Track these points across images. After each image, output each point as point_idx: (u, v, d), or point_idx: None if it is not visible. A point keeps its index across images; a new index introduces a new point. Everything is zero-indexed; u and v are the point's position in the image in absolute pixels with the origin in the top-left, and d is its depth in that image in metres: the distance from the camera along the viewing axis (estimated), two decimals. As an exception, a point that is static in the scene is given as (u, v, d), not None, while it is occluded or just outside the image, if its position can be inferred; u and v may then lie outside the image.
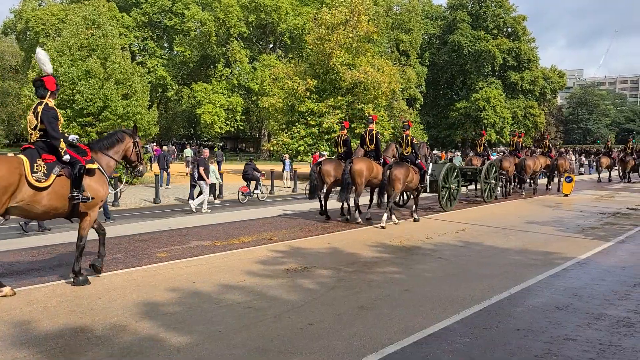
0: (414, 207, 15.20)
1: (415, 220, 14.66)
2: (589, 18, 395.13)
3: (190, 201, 17.38)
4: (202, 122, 49.89)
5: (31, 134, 7.55)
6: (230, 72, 52.87)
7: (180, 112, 62.55)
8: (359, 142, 15.87)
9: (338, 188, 14.53)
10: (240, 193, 20.24)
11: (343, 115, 29.27)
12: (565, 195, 22.01)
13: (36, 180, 6.97)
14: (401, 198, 17.78)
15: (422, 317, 6.46)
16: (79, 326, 6.03)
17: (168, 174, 25.24)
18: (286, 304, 6.92)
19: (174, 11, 54.92)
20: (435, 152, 24.54)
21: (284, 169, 27.69)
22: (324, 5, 36.28)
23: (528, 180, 23.42)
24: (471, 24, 68.47)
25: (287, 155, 28.26)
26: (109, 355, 5.25)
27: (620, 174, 31.47)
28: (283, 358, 5.25)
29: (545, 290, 7.76)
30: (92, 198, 7.62)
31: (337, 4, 31.00)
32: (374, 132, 14.72)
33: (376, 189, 14.55)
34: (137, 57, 53.38)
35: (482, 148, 22.19)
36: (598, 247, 11.03)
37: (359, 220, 14.13)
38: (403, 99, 54.28)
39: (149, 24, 56.82)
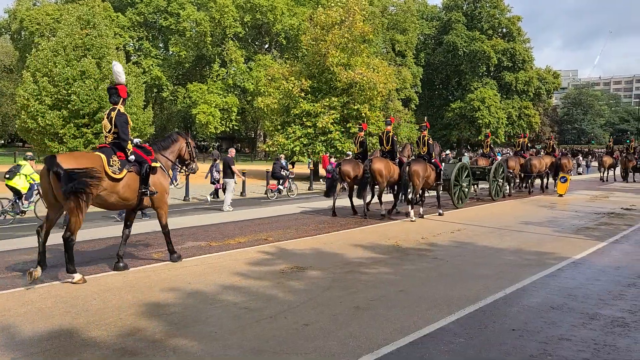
0: (421, 203, 15.91)
1: (440, 214, 15.88)
2: (585, 19, 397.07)
3: (213, 198, 18.77)
4: (198, 122, 49.82)
5: (106, 136, 8.61)
6: (226, 72, 52.81)
7: (176, 112, 62.44)
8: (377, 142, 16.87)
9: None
10: (269, 190, 21.59)
11: (338, 115, 29.27)
12: (560, 195, 22.09)
13: (112, 172, 8.03)
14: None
15: (417, 317, 6.47)
16: (74, 327, 6.00)
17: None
18: (282, 305, 6.92)
19: (169, 11, 54.84)
20: (447, 152, 25.21)
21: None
22: (319, 5, 36.30)
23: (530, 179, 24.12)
24: (466, 25, 68.66)
25: (282, 156, 28.25)
26: (104, 357, 5.23)
27: (623, 174, 31.89)
28: (278, 359, 5.24)
29: (540, 290, 7.78)
30: (157, 192, 8.74)
31: (332, 4, 31.01)
32: (391, 134, 15.78)
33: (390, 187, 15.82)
34: (132, 57, 53.27)
35: (488, 149, 23.42)
36: (593, 247, 11.07)
37: (383, 212, 15.27)
38: (398, 99, 54.34)
39: (144, 24, 56.70)
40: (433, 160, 15.65)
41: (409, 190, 14.76)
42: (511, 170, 21.83)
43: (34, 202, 15.04)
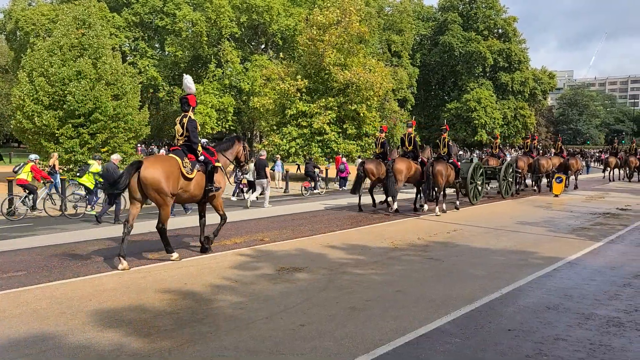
0: (443, 199, 16.89)
1: (456, 208, 17.20)
2: (581, 20, 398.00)
3: (247, 195, 19.21)
4: (194, 122, 49.63)
5: (178, 140, 9.92)
6: (222, 73, 52.71)
7: (172, 113, 62.24)
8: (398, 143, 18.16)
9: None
10: (302, 188, 23.54)
11: (334, 116, 29.26)
12: (556, 195, 22.15)
13: (186, 172, 9.29)
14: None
15: (413, 317, 6.47)
16: (70, 328, 5.99)
17: None
18: (278, 305, 6.91)
19: (165, 11, 54.67)
20: (461, 153, 26.02)
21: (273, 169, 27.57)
22: (315, 6, 36.27)
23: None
24: (462, 25, 68.74)
25: (278, 156, 28.23)
26: (100, 358, 5.22)
27: (627, 173, 32.43)
28: (275, 359, 5.24)
29: (536, 290, 7.80)
30: (220, 188, 10.00)
31: (328, 5, 31.00)
32: (412, 135, 17.00)
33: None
34: (128, 58, 53.10)
35: (497, 149, 24.62)
36: (588, 248, 11.10)
37: (395, 207, 16.38)
38: (395, 99, 54.35)
39: (140, 24, 56.54)
40: (452, 160, 16.83)
41: (434, 188, 16.02)
42: (520, 170, 22.68)
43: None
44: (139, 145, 41.54)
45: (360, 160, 20.74)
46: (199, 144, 9.85)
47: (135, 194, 9.00)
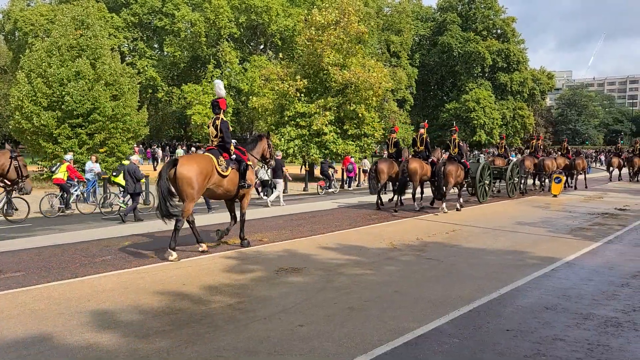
0: (459, 198, 18.01)
1: (458, 209, 17.22)
2: (579, 21, 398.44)
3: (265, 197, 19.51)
4: (193, 123, 49.66)
5: (212, 141, 10.57)
6: (221, 73, 52.67)
7: (171, 113, 62.26)
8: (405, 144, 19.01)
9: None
10: (318, 187, 24.33)
11: (333, 116, 29.25)
12: (555, 195, 22.17)
13: (221, 170, 9.97)
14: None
15: (412, 318, 6.48)
16: (67, 329, 5.98)
17: None
18: (276, 306, 6.91)
19: (164, 12, 54.64)
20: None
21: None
22: (314, 6, 36.25)
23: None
24: (461, 26, 68.82)
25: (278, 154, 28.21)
26: (98, 358, 5.21)
27: (631, 173, 32.73)
28: (273, 360, 5.24)
29: (534, 290, 7.80)
30: (251, 185, 10.80)
31: (327, 5, 30.99)
32: (424, 136, 17.58)
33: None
34: (127, 58, 53.06)
35: (503, 150, 24.93)
36: (586, 248, 11.11)
37: (416, 207, 17.04)
38: (394, 100, 54.36)
39: (139, 25, 56.49)
40: (462, 161, 17.56)
41: (444, 187, 16.59)
42: (526, 170, 23.33)
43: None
44: (136, 145, 41.52)
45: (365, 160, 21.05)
46: (232, 144, 10.58)
47: (171, 189, 9.76)
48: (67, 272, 8.54)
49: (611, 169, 33.04)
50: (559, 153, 28.16)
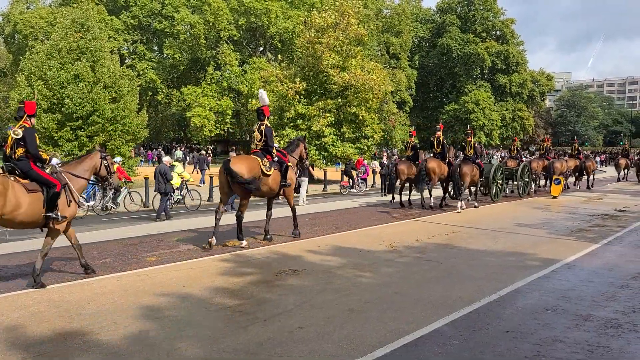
0: (475, 197, 19.37)
1: (475, 207, 18.15)
2: (579, 22, 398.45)
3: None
4: (192, 125, 49.69)
5: (257, 144, 11.76)
6: (220, 75, 52.71)
7: (170, 115, 62.29)
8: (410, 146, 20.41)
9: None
10: (341, 187, 25.62)
11: (333, 118, 29.25)
12: (554, 197, 22.18)
13: (265, 170, 11.14)
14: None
15: (412, 319, 6.48)
16: (67, 331, 5.98)
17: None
18: (276, 308, 6.91)
19: (163, 14, 54.68)
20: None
21: None
22: (313, 8, 36.27)
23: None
24: (460, 27, 68.81)
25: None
26: (98, 361, 5.22)
27: (638, 173, 33.15)
28: (273, 362, 5.24)
29: (534, 292, 7.81)
30: (291, 184, 12.03)
31: (326, 8, 30.99)
32: (441, 138, 18.56)
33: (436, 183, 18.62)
34: (126, 60, 53.09)
35: (515, 152, 25.97)
36: (586, 249, 11.11)
37: (432, 204, 17.97)
38: (393, 101, 54.36)
39: (139, 27, 56.54)
40: (477, 161, 18.48)
41: (460, 186, 17.57)
42: (534, 171, 23.98)
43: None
44: (139, 147, 41.56)
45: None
46: (274, 147, 11.76)
47: (222, 188, 11.05)
48: (67, 275, 8.54)
49: (618, 170, 33.61)
50: (569, 154, 28.91)
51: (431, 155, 19.09)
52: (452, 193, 18.44)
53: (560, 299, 7.40)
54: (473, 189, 19.81)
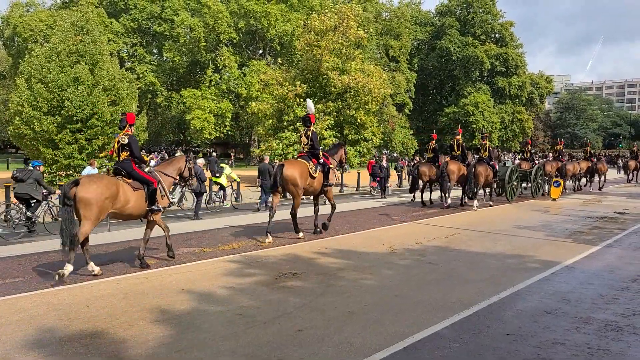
0: (490, 197, 20.92)
1: (490, 205, 19.64)
2: (578, 25, 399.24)
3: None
4: (192, 127, 49.68)
5: (303, 147, 13.06)
6: (220, 78, 52.74)
7: (170, 118, 62.32)
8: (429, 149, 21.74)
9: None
10: (371, 187, 26.91)
11: (333, 121, 29.25)
12: (554, 199, 22.19)
13: (312, 172, 12.45)
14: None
15: (412, 322, 6.47)
16: (67, 334, 5.97)
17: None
18: (275, 310, 6.90)
19: (163, 17, 54.76)
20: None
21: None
22: (313, 11, 36.30)
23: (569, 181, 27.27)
24: (459, 30, 68.94)
25: (276, 161, 28.21)
26: (97, 364, 5.21)
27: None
28: (273, 365, 5.23)
29: (534, 294, 7.80)
30: (333, 184, 13.44)
31: (326, 10, 31.01)
32: (460, 141, 20.18)
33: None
34: (126, 63, 53.15)
35: (528, 154, 26.85)
36: (586, 251, 11.10)
37: (449, 202, 19.25)
38: (393, 104, 54.39)
39: (138, 30, 56.59)
40: (491, 163, 19.70)
41: (475, 186, 18.70)
42: (548, 174, 24.82)
43: (229, 196, 19.60)
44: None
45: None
46: (320, 150, 12.90)
47: (277, 187, 12.19)
48: (66, 278, 8.51)
49: (628, 171, 34.26)
50: (582, 157, 30.03)
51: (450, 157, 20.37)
52: (469, 193, 19.45)
53: (560, 302, 7.39)
54: (487, 190, 21.08)
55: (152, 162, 9.56)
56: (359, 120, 29.28)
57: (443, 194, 19.44)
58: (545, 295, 7.74)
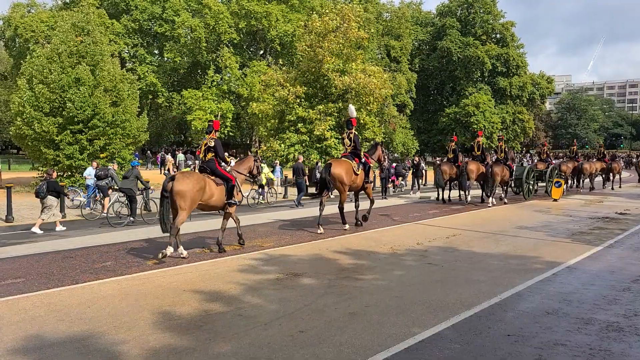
0: (505, 194, 21.78)
1: (504, 203, 20.83)
2: (579, 26, 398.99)
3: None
4: (193, 128, 49.69)
5: (347, 149, 14.40)
6: (221, 79, 52.76)
7: (171, 119, 62.31)
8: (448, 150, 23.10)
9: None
10: (394, 186, 27.89)
11: (334, 122, 29.25)
12: (555, 200, 22.18)
13: (355, 170, 13.78)
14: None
15: (412, 323, 6.46)
16: (68, 335, 5.97)
17: None
18: (276, 311, 6.89)
19: (164, 18, 54.77)
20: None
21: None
22: (314, 12, 36.28)
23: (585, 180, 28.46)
24: (460, 30, 68.91)
25: (277, 162, 28.20)
26: (98, 365, 5.20)
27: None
28: (274, 366, 5.22)
29: (535, 295, 7.79)
30: (372, 182, 14.89)
31: (327, 11, 31.00)
32: (481, 143, 21.89)
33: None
34: (127, 64, 53.15)
35: (545, 155, 27.50)
36: (587, 252, 11.09)
37: (469, 199, 20.81)
38: (393, 104, 54.37)
39: (139, 31, 56.59)
40: (508, 163, 21.12)
41: (492, 185, 20.05)
42: (564, 173, 26.05)
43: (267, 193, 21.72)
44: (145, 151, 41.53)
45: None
46: (361, 151, 14.30)
47: (325, 186, 13.50)
48: (67, 279, 8.52)
49: (638, 171, 34.57)
50: (595, 157, 30.78)
51: (471, 157, 21.92)
52: (486, 191, 20.64)
53: (561, 302, 7.38)
54: (504, 188, 22.02)
55: (232, 162, 11.13)
56: (360, 121, 29.25)
57: (464, 192, 21.02)
58: (547, 296, 7.73)
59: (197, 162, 31.82)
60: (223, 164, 11.08)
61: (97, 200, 16.94)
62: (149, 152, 54.36)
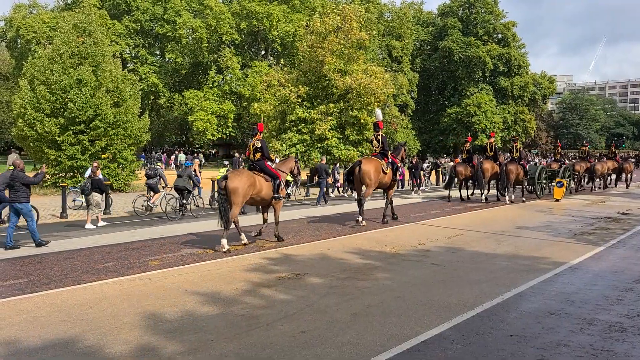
0: (522, 193, 23.09)
1: (523, 201, 21.54)
2: (581, 26, 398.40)
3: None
4: (195, 129, 49.72)
5: (375, 150, 15.38)
6: (222, 79, 52.78)
7: (172, 119, 62.35)
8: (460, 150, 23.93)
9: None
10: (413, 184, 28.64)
11: (335, 122, 29.23)
12: (557, 200, 22.15)
13: (384, 169, 14.87)
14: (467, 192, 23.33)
15: (415, 323, 6.45)
16: (70, 336, 5.97)
17: None
18: (278, 312, 6.89)
19: (165, 19, 54.82)
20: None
21: None
22: (315, 12, 36.27)
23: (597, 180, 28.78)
24: (462, 30, 68.87)
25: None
26: (100, 366, 5.20)
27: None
28: (276, 367, 5.22)
29: (537, 295, 7.77)
30: (397, 180, 16.28)
31: (328, 11, 30.98)
32: (494, 143, 22.84)
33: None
34: (128, 65, 53.19)
35: (559, 155, 28.54)
36: (589, 252, 11.07)
37: (484, 198, 21.60)
38: (395, 105, 54.36)
39: (141, 32, 56.66)
40: (521, 162, 21.80)
41: (507, 183, 20.79)
42: (577, 172, 26.87)
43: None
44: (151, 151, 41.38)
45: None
46: (388, 151, 15.36)
47: (357, 182, 14.67)
48: (69, 279, 8.53)
49: None
50: (606, 157, 31.24)
51: (484, 157, 22.95)
52: (501, 189, 21.42)
53: (564, 303, 7.36)
54: (519, 187, 22.98)
55: (277, 160, 12.57)
56: (361, 121, 29.23)
57: (480, 190, 22.03)
58: (549, 296, 7.71)
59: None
60: (274, 163, 12.31)
61: (147, 198, 17.46)
62: (163, 153, 54.19)
